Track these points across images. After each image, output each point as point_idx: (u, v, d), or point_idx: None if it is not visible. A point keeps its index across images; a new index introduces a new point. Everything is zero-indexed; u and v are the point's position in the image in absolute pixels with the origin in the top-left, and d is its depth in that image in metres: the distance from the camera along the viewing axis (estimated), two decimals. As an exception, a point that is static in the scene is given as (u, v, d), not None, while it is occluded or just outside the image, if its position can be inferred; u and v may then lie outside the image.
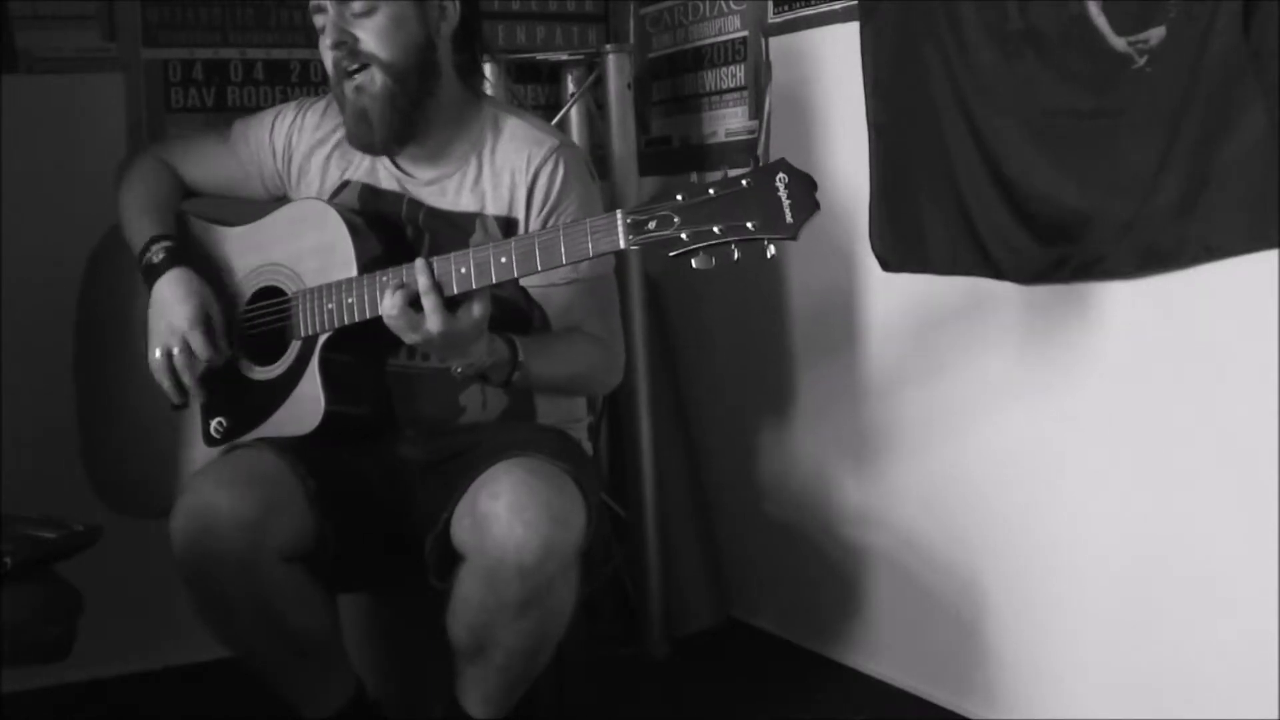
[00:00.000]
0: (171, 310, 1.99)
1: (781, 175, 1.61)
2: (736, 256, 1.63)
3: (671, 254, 1.65)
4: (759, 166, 1.64)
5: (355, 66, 1.98)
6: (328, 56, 2.01)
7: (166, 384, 2.02)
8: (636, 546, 2.96)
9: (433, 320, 1.79)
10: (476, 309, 1.80)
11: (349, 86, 2.00)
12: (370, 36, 1.98)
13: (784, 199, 1.61)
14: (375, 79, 1.98)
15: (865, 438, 2.72)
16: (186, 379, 2.00)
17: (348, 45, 1.98)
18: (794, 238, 1.61)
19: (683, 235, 1.64)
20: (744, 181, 1.63)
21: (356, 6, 1.97)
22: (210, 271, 2.06)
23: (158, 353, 2.00)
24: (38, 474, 2.44)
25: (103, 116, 2.80)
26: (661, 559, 2.95)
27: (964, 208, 2.33)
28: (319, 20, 2.00)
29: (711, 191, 1.64)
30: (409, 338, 1.83)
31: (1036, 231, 2.21)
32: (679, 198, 1.64)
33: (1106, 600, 2.23)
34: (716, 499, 3.14)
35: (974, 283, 2.36)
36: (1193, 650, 2.09)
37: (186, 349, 1.99)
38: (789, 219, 1.60)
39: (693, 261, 1.65)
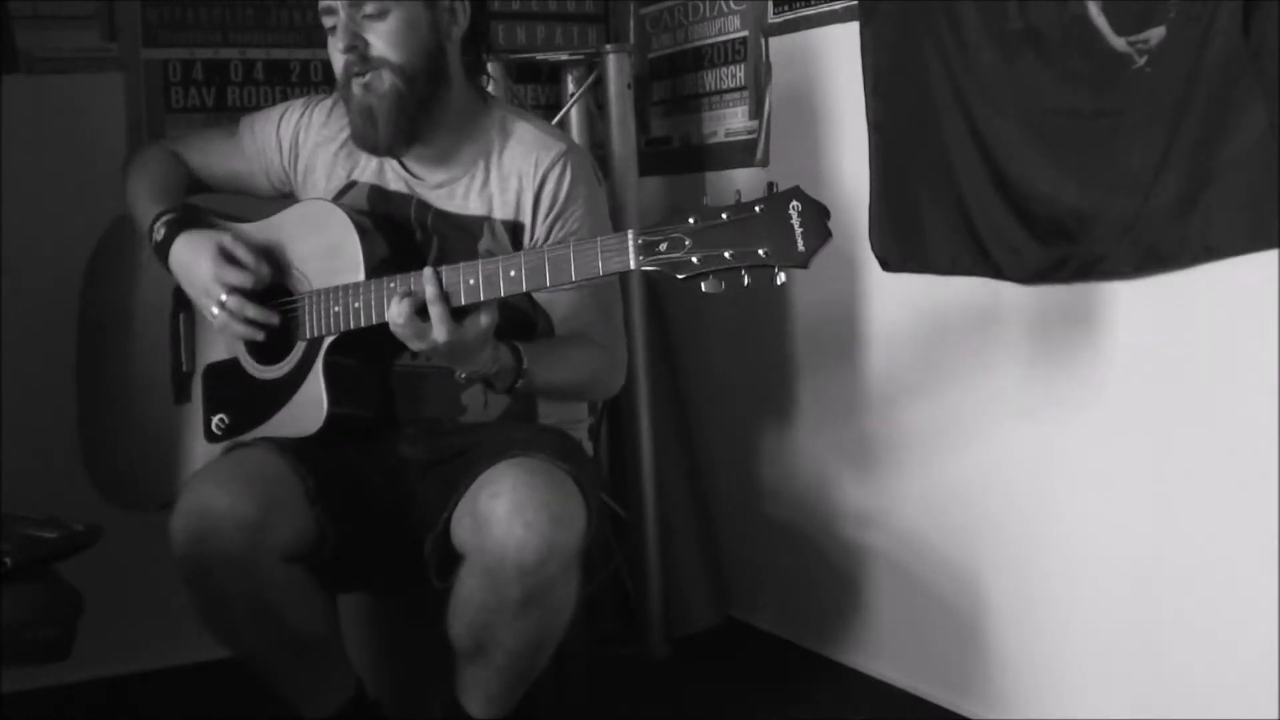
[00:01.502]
0: (195, 270, 1.99)
1: (795, 203, 1.62)
2: (747, 282, 1.64)
3: (681, 276, 1.65)
4: (772, 193, 1.64)
5: (365, 70, 1.98)
6: (338, 59, 2.00)
7: (240, 329, 1.99)
8: (636, 546, 2.96)
9: (439, 330, 1.79)
10: (484, 319, 1.80)
11: (357, 84, 1.99)
12: (381, 40, 1.97)
13: (796, 227, 1.61)
14: (384, 78, 1.97)
15: (865, 438, 2.72)
16: (251, 312, 1.98)
17: (359, 50, 1.97)
18: (805, 266, 1.61)
19: (693, 259, 1.64)
20: (757, 208, 1.63)
21: (369, 8, 1.96)
22: None
23: (214, 310, 1.98)
24: (38, 474, 2.44)
25: (103, 116, 2.80)
26: (661, 559, 2.95)
27: (964, 207, 2.33)
28: (328, 21, 1.99)
29: (724, 216, 1.64)
30: (415, 345, 1.84)
31: (1036, 231, 2.21)
32: (691, 220, 1.65)
33: (1106, 600, 2.23)
34: (716, 499, 3.14)
35: (974, 283, 2.36)
36: (1193, 650, 2.09)
37: (231, 290, 1.97)
38: (800, 247, 1.61)
39: (702, 285, 1.65)
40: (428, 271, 1.80)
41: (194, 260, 1.99)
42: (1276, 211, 1.86)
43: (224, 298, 1.97)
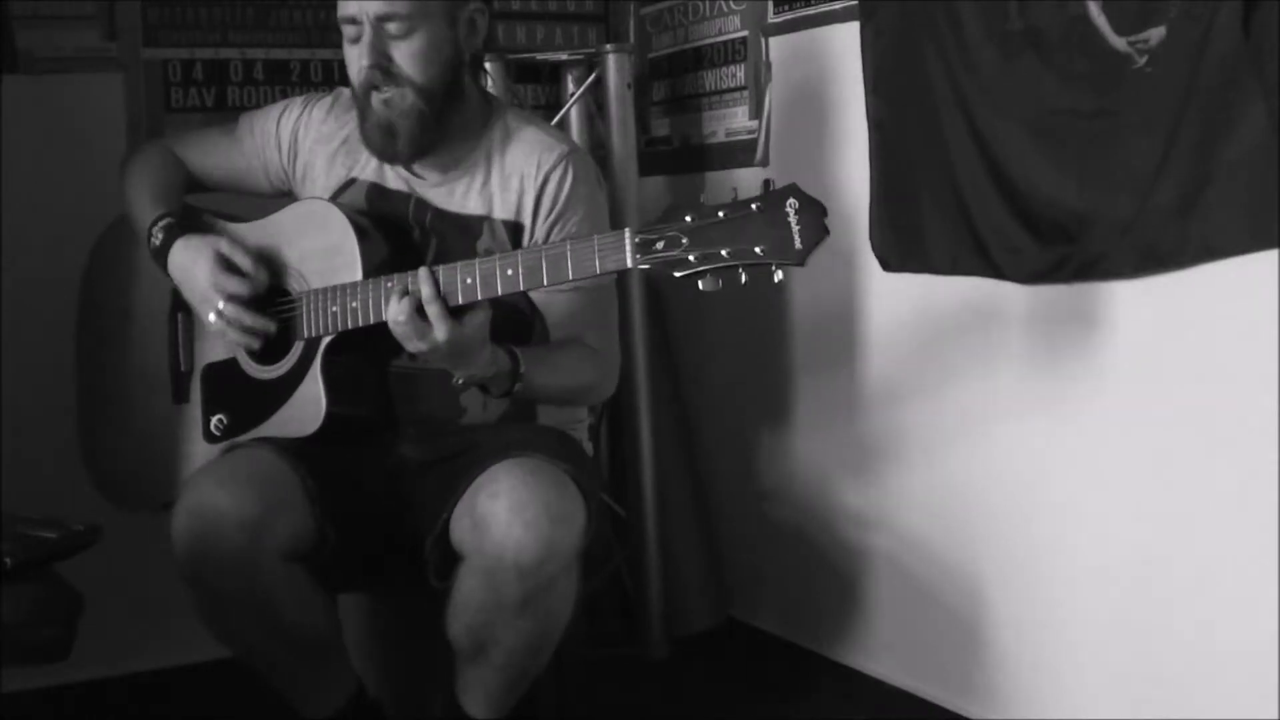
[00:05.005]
0: (193, 276, 1.99)
1: (792, 201, 1.62)
2: (744, 280, 1.64)
3: (678, 274, 1.65)
4: (769, 191, 1.64)
5: (387, 86, 1.97)
6: (355, 69, 1.98)
7: (237, 336, 1.99)
8: (636, 546, 2.96)
9: (439, 329, 1.78)
10: (480, 314, 1.80)
11: (376, 99, 1.98)
12: (406, 59, 1.95)
13: (793, 224, 1.61)
14: (406, 97, 1.96)
15: (865, 438, 2.72)
16: (249, 320, 1.98)
17: (382, 67, 1.96)
18: (802, 264, 1.61)
19: (690, 257, 1.64)
20: (754, 205, 1.63)
21: (393, 28, 1.94)
22: None
23: (211, 317, 1.99)
24: (38, 474, 2.44)
25: (103, 116, 2.80)
26: (661, 559, 2.95)
27: (964, 207, 2.33)
28: (350, 31, 1.97)
29: (721, 214, 1.64)
30: (413, 345, 1.82)
31: (1036, 231, 2.21)
32: (688, 219, 1.65)
33: (1106, 600, 2.23)
34: (716, 499, 3.14)
35: (975, 283, 2.36)
36: (1193, 650, 2.09)
37: (229, 298, 1.97)
38: (798, 245, 1.61)
39: (699, 283, 1.65)
40: (423, 271, 1.79)
41: (192, 266, 1.99)
42: (1276, 211, 1.86)
43: (221, 305, 1.97)
